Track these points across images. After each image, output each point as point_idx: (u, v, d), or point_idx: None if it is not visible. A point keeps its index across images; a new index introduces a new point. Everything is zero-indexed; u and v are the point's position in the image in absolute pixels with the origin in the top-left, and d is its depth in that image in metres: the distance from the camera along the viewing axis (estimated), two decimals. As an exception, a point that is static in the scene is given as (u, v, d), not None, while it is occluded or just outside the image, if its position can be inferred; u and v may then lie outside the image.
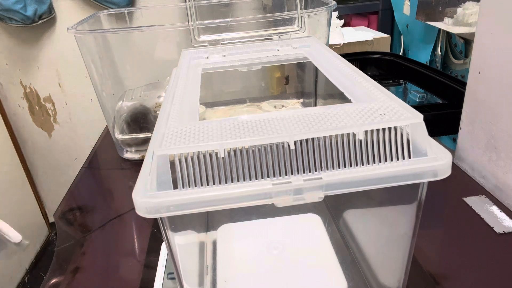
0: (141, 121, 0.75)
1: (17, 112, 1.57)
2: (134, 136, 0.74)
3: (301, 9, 0.54)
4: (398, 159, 0.28)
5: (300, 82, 0.80)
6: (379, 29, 1.54)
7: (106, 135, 0.85)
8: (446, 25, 1.12)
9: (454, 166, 0.65)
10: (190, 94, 0.39)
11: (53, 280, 0.48)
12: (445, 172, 0.27)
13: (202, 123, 0.30)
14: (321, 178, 0.27)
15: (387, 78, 1.02)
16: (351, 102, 0.34)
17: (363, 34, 1.39)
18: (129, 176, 0.71)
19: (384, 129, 0.28)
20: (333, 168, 0.28)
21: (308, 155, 0.28)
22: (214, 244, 0.50)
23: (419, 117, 0.29)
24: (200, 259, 0.46)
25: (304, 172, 0.28)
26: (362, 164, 0.28)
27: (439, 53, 1.23)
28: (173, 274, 0.43)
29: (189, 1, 0.50)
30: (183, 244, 0.33)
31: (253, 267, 0.46)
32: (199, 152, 0.27)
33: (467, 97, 0.61)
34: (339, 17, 1.37)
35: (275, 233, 0.50)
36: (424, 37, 1.29)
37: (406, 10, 1.39)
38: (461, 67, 1.17)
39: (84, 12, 1.44)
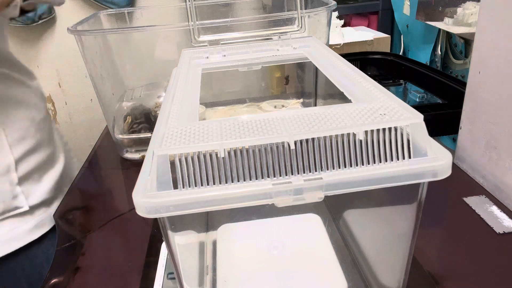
0: (141, 121, 0.75)
1: (17, 112, 1.57)
2: (134, 136, 0.74)
3: (301, 9, 0.54)
4: (398, 159, 0.28)
5: (300, 82, 0.80)
6: (379, 29, 1.54)
7: (106, 135, 0.84)
8: (446, 25, 1.12)
9: (454, 166, 0.65)
10: (190, 94, 0.39)
11: (53, 280, 0.48)
12: (445, 172, 0.27)
13: (202, 123, 0.30)
14: (321, 178, 0.27)
15: (387, 78, 1.02)
16: (351, 102, 0.34)
17: (363, 34, 1.39)
18: (129, 176, 0.71)
19: (384, 129, 0.28)
20: (333, 168, 0.28)
21: (308, 155, 0.28)
22: (214, 244, 0.50)
23: (419, 117, 0.29)
24: (200, 259, 0.46)
25: (304, 172, 0.28)
26: (362, 164, 0.28)
27: (439, 53, 1.23)
28: (173, 274, 0.43)
29: (189, 1, 0.50)
30: (183, 244, 0.33)
31: (253, 267, 0.46)
32: (199, 152, 0.27)
33: (467, 97, 0.61)
34: (339, 17, 1.37)
35: (275, 233, 0.50)
36: (424, 37, 1.29)
37: (406, 10, 1.39)
38: (461, 67, 1.17)
39: (84, 12, 1.44)
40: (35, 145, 0.64)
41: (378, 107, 0.31)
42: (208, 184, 0.27)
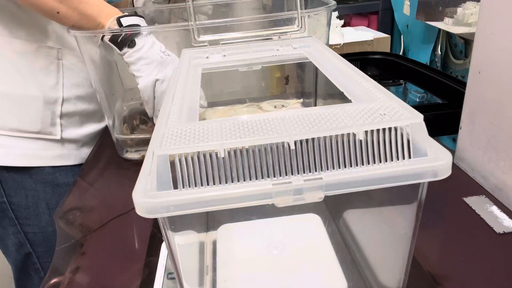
0: (141, 121, 0.75)
1: (17, 112, 1.56)
2: (134, 136, 0.74)
3: (301, 9, 0.54)
4: (398, 159, 0.28)
5: (300, 82, 0.80)
6: (379, 29, 1.54)
7: (106, 135, 0.84)
8: (446, 25, 1.12)
9: (454, 166, 0.65)
10: (190, 94, 0.39)
11: (53, 280, 0.48)
12: (445, 172, 0.27)
13: (202, 123, 0.30)
14: (321, 178, 0.27)
15: (387, 78, 1.02)
16: (351, 102, 0.34)
17: (363, 34, 1.39)
18: (129, 176, 0.71)
19: (384, 129, 0.28)
20: (333, 168, 0.28)
21: (308, 155, 0.28)
22: (214, 244, 0.50)
23: (419, 117, 0.29)
24: (200, 259, 0.46)
25: (304, 172, 0.28)
26: (362, 164, 0.28)
27: (439, 53, 1.23)
28: (173, 274, 0.43)
29: (189, 1, 0.50)
30: (183, 244, 0.34)
31: (253, 267, 0.46)
32: (199, 152, 0.27)
33: (467, 97, 0.61)
34: (339, 17, 1.37)
35: (275, 233, 0.50)
36: (424, 37, 1.29)
37: (406, 10, 1.39)
38: (461, 67, 1.17)
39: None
40: (86, 96, 0.77)
41: (378, 107, 0.31)
42: (208, 184, 0.27)
